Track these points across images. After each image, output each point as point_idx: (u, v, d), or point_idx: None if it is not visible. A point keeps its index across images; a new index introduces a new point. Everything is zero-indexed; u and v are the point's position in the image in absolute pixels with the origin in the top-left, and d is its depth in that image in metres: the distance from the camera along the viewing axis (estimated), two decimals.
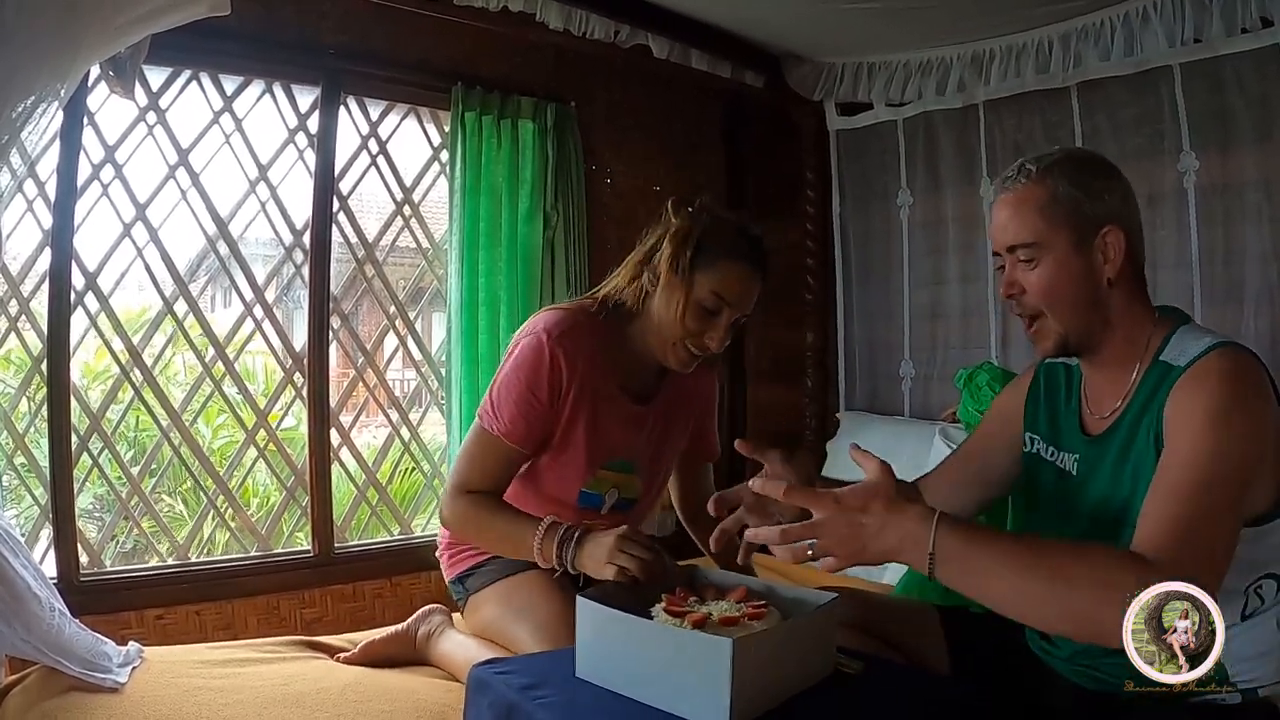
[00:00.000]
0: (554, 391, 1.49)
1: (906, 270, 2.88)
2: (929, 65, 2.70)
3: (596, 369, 1.52)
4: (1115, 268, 1.16)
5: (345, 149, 2.55)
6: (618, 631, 1.10)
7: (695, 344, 1.49)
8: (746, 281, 1.49)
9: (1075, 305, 1.17)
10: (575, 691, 1.10)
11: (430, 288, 2.85)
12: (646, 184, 3.09)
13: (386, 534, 2.77)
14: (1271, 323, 2.11)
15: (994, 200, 1.23)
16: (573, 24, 2.35)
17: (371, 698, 1.62)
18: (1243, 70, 2.11)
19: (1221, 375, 1.07)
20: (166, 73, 2.26)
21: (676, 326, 1.48)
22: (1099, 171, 1.20)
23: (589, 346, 1.51)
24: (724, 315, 1.48)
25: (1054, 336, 1.19)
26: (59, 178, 2.09)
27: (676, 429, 1.67)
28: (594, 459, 1.57)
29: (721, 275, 1.47)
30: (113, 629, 1.86)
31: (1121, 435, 1.17)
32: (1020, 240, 1.17)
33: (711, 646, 0.99)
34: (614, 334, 1.54)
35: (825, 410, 3.09)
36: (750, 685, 0.99)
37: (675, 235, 1.50)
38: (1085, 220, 1.16)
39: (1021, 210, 1.17)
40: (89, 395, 2.76)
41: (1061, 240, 1.16)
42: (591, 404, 1.53)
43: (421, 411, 2.83)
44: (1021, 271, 1.19)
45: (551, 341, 1.48)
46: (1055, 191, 1.16)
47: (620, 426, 1.58)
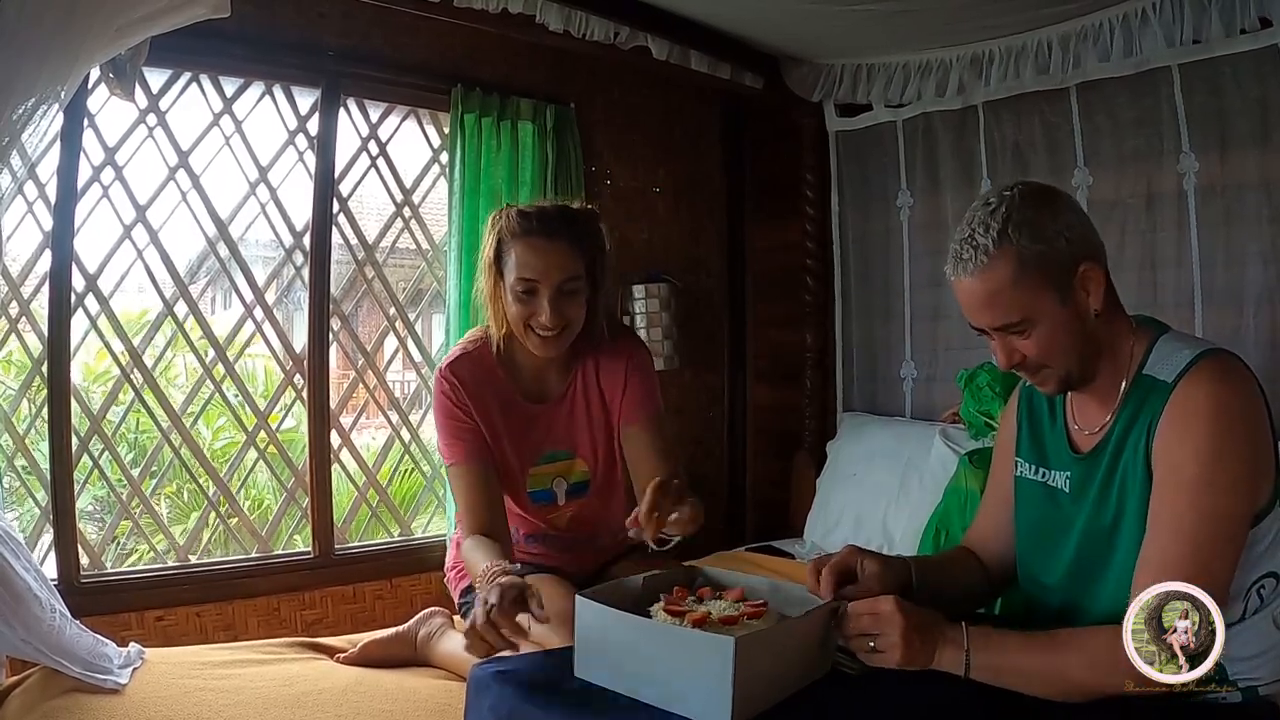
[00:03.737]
0: (464, 408, 1.65)
1: (907, 271, 2.87)
2: (928, 66, 2.70)
3: (487, 383, 1.68)
4: (1099, 298, 1.14)
5: (345, 151, 2.56)
6: (618, 631, 1.10)
7: (535, 325, 1.58)
8: (539, 252, 1.56)
9: (1072, 348, 1.16)
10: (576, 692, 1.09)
11: (430, 289, 2.85)
12: (646, 185, 3.09)
13: (386, 535, 2.77)
14: (1271, 323, 2.11)
15: (954, 280, 1.17)
16: (572, 25, 2.35)
17: (372, 698, 1.62)
18: (1242, 71, 2.11)
19: (1209, 410, 1.06)
20: (167, 74, 2.27)
21: (513, 319, 1.60)
22: (1049, 208, 1.14)
23: (475, 367, 1.68)
24: (540, 292, 1.56)
25: (1056, 380, 1.19)
26: (59, 179, 2.09)
27: (600, 403, 1.74)
28: (521, 460, 1.71)
29: (516, 258, 1.57)
30: (113, 630, 1.87)
31: (1109, 452, 1.17)
32: (1007, 321, 1.14)
33: (714, 645, 0.99)
34: (498, 352, 1.69)
35: (825, 411, 3.09)
36: (751, 684, 0.99)
37: (485, 245, 1.65)
38: (1059, 270, 1.12)
39: (995, 291, 1.12)
40: (89, 397, 2.76)
41: (1045, 302, 1.12)
42: (496, 415, 1.68)
43: (421, 413, 2.83)
44: (1016, 341, 1.16)
45: (445, 371, 1.68)
46: (1020, 257, 1.10)
47: (528, 426, 1.71)
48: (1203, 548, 1.03)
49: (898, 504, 2.55)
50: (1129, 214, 2.33)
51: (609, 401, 1.74)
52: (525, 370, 1.72)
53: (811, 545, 2.76)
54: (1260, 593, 1.11)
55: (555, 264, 1.56)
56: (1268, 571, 1.11)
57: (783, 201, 3.19)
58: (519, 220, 1.59)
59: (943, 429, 2.57)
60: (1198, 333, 2.16)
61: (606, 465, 1.77)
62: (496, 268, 1.61)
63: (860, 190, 3.00)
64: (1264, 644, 1.11)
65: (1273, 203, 2.10)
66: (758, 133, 3.35)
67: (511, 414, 1.70)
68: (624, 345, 1.76)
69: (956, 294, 1.19)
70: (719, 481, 3.34)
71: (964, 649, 1.08)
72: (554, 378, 1.74)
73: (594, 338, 1.70)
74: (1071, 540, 1.21)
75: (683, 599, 1.19)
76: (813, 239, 3.04)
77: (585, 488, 1.77)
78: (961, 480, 2.26)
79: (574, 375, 1.74)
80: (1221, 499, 1.04)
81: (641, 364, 1.74)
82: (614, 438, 1.76)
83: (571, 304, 1.59)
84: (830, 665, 1.14)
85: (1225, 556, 1.04)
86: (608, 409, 1.74)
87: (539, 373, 1.73)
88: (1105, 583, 1.16)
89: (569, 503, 1.76)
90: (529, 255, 1.56)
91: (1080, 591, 1.20)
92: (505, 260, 1.60)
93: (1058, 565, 1.23)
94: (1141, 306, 1.31)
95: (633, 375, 1.72)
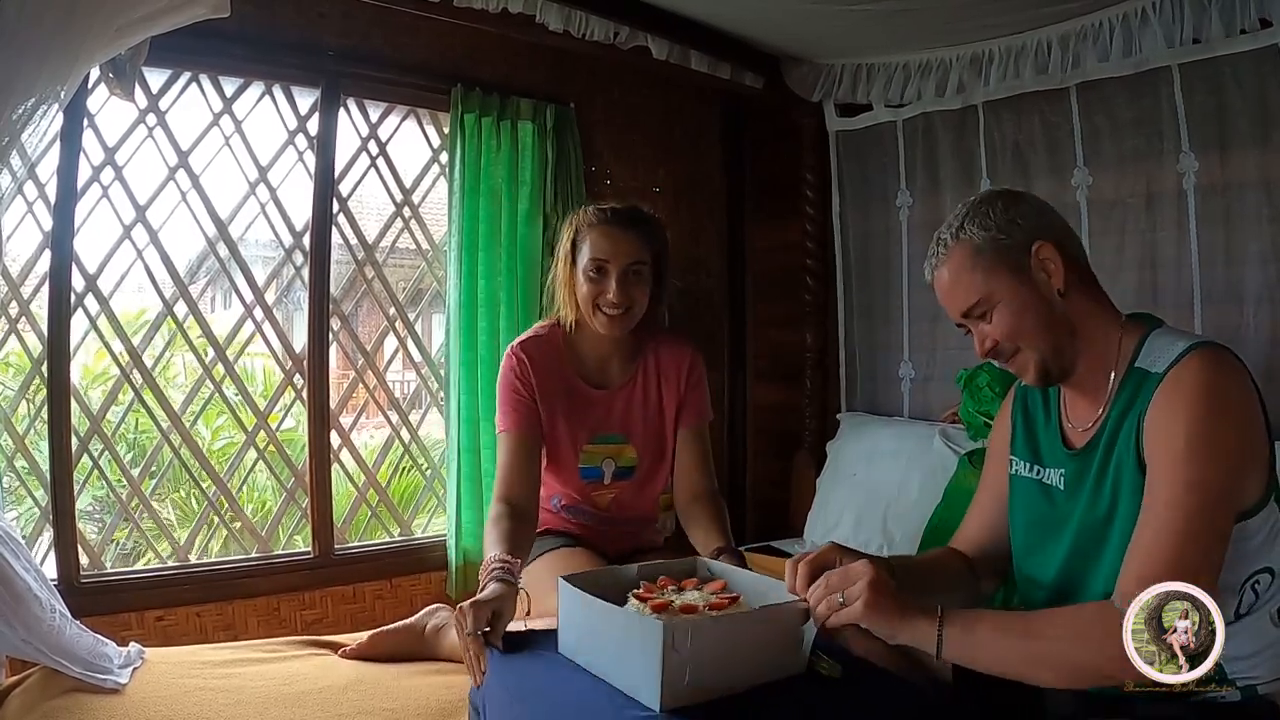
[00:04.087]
0: (527, 384, 1.79)
1: (906, 271, 2.87)
2: (928, 66, 2.70)
3: (553, 364, 1.82)
4: (1060, 277, 1.18)
5: (345, 151, 2.56)
6: (581, 611, 1.19)
7: (602, 304, 1.74)
8: (612, 238, 1.73)
9: (1040, 328, 1.19)
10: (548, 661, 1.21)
11: (430, 289, 2.86)
12: (646, 185, 3.10)
13: (386, 535, 2.77)
14: (1271, 323, 2.11)
15: (930, 282, 1.28)
16: (572, 25, 2.35)
17: (373, 696, 1.62)
18: (1241, 71, 2.11)
19: (1199, 390, 1.07)
20: (166, 74, 2.27)
21: (584, 299, 1.76)
22: (1003, 204, 1.22)
23: (545, 347, 1.83)
24: (610, 272, 1.72)
25: (1033, 364, 1.21)
26: (59, 179, 2.09)
27: (658, 398, 1.89)
28: (575, 438, 1.83)
29: (590, 243, 1.74)
30: (113, 630, 1.86)
31: (1102, 446, 1.18)
32: (969, 303, 1.21)
33: (647, 628, 1.05)
34: (568, 337, 1.85)
35: (825, 411, 3.09)
36: (684, 669, 1.02)
37: (563, 238, 1.81)
38: (1012, 251, 1.19)
39: (956, 278, 1.22)
40: (89, 397, 2.77)
41: (1002, 281, 1.19)
42: (557, 393, 1.81)
43: (421, 413, 2.83)
44: (985, 327, 1.22)
45: (515, 348, 1.83)
46: (974, 243, 1.20)
47: (587, 408, 1.84)
48: (1193, 518, 1.03)
49: (898, 504, 2.56)
50: (1129, 214, 2.33)
51: (665, 398, 1.88)
52: (590, 357, 1.86)
53: (811, 545, 2.76)
54: (1255, 588, 1.11)
55: (624, 249, 1.73)
56: (1263, 567, 1.11)
57: (783, 201, 3.20)
58: (596, 213, 1.78)
59: (942, 429, 2.57)
60: (1197, 332, 2.16)
61: (655, 455, 1.89)
62: (572, 256, 1.78)
63: (860, 190, 3.00)
64: (1262, 642, 1.11)
65: (1273, 203, 2.10)
66: (758, 133, 3.35)
67: (573, 395, 1.83)
68: (686, 347, 1.92)
69: (936, 292, 1.28)
70: (719, 481, 3.33)
71: (937, 619, 1.08)
72: (617, 367, 1.88)
73: (655, 329, 1.87)
74: (1067, 536, 1.22)
75: (664, 588, 1.25)
76: (813, 239, 3.05)
77: (631, 472, 1.88)
78: (961, 480, 2.26)
79: (637, 367, 1.88)
80: (1205, 469, 1.04)
81: (702, 372, 1.92)
82: (665, 432, 1.89)
83: (637, 286, 1.75)
84: (803, 666, 1.15)
85: (1214, 528, 1.04)
86: (664, 404, 1.88)
87: (603, 361, 1.87)
88: (1098, 576, 1.16)
89: (614, 484, 1.88)
90: (602, 240, 1.74)
91: (1075, 585, 1.20)
92: (580, 248, 1.76)
93: (1053, 562, 1.24)
94: (1141, 306, 1.32)
95: (695, 381, 1.90)
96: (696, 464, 1.88)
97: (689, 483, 1.86)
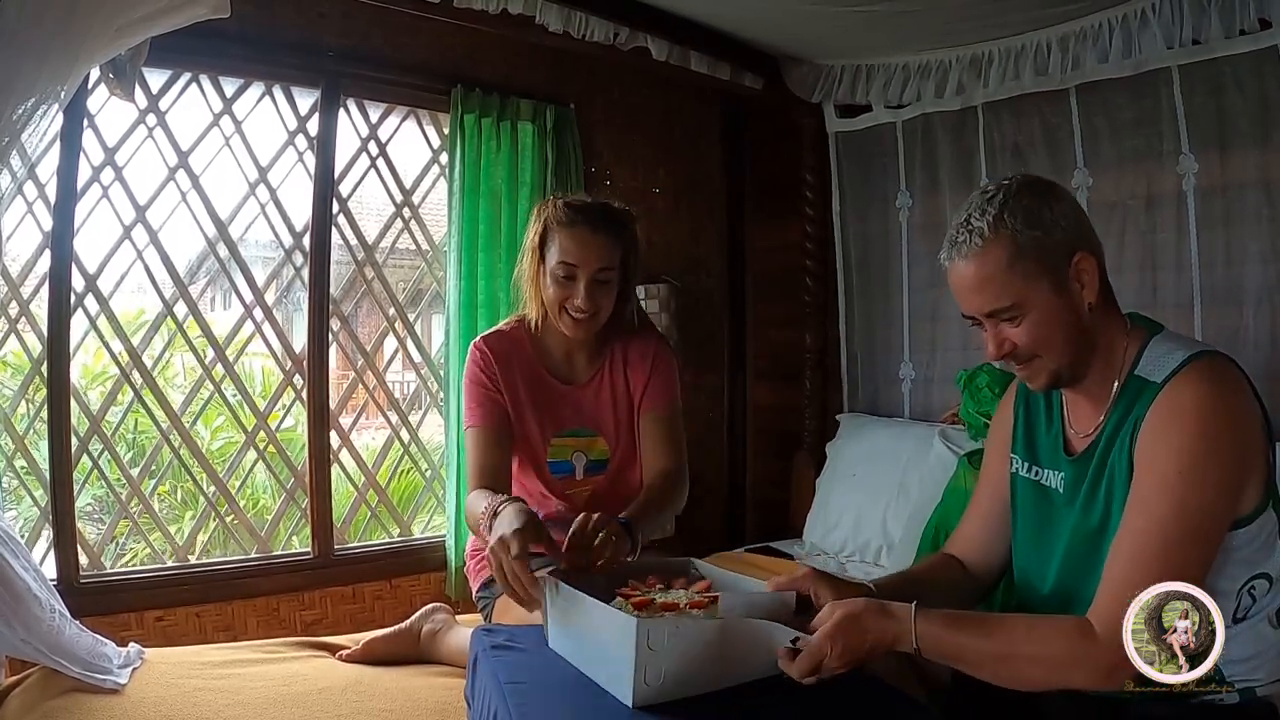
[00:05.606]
0: (493, 378, 1.76)
1: (906, 272, 2.87)
2: (928, 67, 2.70)
3: (518, 359, 1.80)
4: (1094, 291, 1.13)
5: (345, 151, 2.56)
6: (564, 606, 1.20)
7: (569, 308, 1.70)
8: (581, 241, 1.68)
9: (1066, 341, 1.15)
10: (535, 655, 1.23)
11: (430, 290, 2.85)
12: (646, 185, 3.10)
13: (386, 536, 2.77)
14: (1271, 324, 2.11)
15: (949, 265, 1.17)
16: (572, 26, 2.35)
17: (372, 697, 1.62)
18: (1241, 72, 2.11)
19: (1193, 410, 1.05)
20: (166, 75, 2.27)
21: (550, 300, 1.72)
22: (1046, 197, 1.14)
23: (509, 343, 1.80)
24: (579, 277, 1.68)
25: (1047, 374, 1.18)
26: (59, 180, 2.09)
27: (626, 390, 1.86)
28: (544, 431, 1.80)
29: (560, 244, 1.69)
30: (112, 630, 1.87)
31: (1098, 453, 1.17)
32: (998, 305, 1.13)
33: (623, 625, 1.05)
34: (534, 333, 1.82)
35: (825, 411, 3.09)
36: (659, 667, 1.03)
37: (530, 231, 1.77)
38: (1054, 257, 1.11)
39: (988, 275, 1.12)
40: (89, 397, 2.76)
41: (1041, 290, 1.11)
42: (523, 387, 1.79)
43: (421, 413, 2.83)
44: (1007, 329, 1.15)
45: (479, 343, 1.81)
46: (1016, 241, 1.10)
47: (554, 402, 1.81)
48: (1172, 545, 1.02)
49: (897, 504, 2.55)
50: (1129, 215, 2.33)
51: (633, 387, 1.85)
52: (556, 352, 1.83)
53: (811, 545, 2.76)
54: (1251, 593, 1.11)
55: (594, 254, 1.68)
56: (1259, 573, 1.11)
57: (783, 202, 3.20)
58: (566, 211, 1.72)
59: (942, 430, 2.57)
60: (1197, 333, 2.16)
61: (626, 447, 1.86)
62: (540, 252, 1.73)
63: (860, 191, 3.01)
64: (1260, 645, 1.11)
65: (1273, 203, 2.10)
66: (758, 133, 3.35)
67: (538, 389, 1.80)
68: (652, 338, 1.88)
69: (950, 279, 1.18)
70: (719, 482, 3.34)
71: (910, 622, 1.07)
72: (583, 362, 1.85)
73: (623, 327, 1.82)
74: (1062, 542, 1.21)
75: (651, 586, 1.26)
76: (813, 239, 3.05)
77: (604, 466, 1.85)
78: (961, 481, 2.26)
79: (603, 361, 1.85)
80: (1195, 495, 1.03)
81: (667, 359, 1.87)
82: (635, 423, 1.86)
83: (604, 292, 1.72)
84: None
85: (1196, 555, 1.03)
86: (631, 394, 1.85)
87: (569, 355, 1.84)
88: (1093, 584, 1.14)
89: (588, 478, 1.83)
90: (572, 243, 1.68)
91: (1070, 595, 1.19)
92: (549, 246, 1.72)
93: (1050, 568, 1.23)
94: (1141, 307, 1.30)
95: (658, 367, 1.84)
96: (653, 446, 1.81)
97: (647, 465, 1.81)
